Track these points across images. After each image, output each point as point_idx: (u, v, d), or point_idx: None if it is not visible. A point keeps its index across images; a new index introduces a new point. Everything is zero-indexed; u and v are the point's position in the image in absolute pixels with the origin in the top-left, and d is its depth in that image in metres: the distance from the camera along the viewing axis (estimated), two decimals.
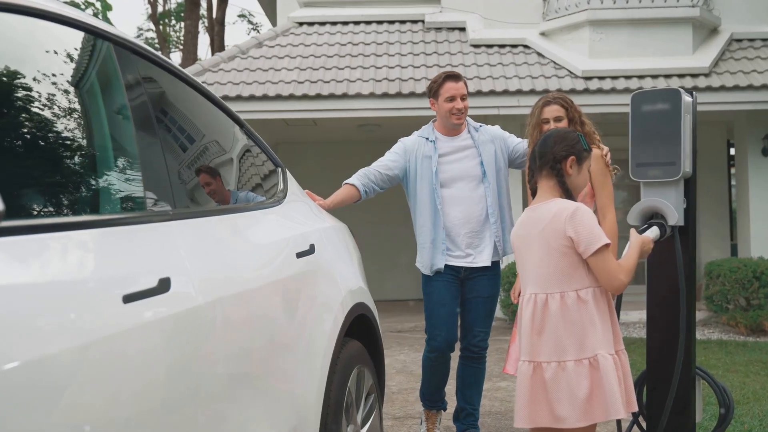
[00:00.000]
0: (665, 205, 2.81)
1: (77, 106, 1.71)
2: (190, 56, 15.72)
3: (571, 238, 2.48)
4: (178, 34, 22.83)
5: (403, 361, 6.95)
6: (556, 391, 2.48)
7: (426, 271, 3.91)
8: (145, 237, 1.72)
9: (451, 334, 3.85)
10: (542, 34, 10.09)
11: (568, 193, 2.59)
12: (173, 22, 23.02)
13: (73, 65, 1.76)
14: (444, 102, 3.85)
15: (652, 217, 2.87)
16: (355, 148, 9.95)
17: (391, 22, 10.85)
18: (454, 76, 3.89)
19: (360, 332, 3.17)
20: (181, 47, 19.17)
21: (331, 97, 8.97)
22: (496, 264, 3.93)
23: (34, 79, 1.56)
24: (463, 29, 10.44)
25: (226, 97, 8.89)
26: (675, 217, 2.80)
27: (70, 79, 1.71)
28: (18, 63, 1.53)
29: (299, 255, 2.55)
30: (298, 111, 9.05)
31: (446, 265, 3.85)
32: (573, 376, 2.45)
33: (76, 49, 1.77)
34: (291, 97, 8.94)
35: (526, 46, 9.98)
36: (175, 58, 22.65)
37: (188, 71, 9.53)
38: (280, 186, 3.01)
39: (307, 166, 11.00)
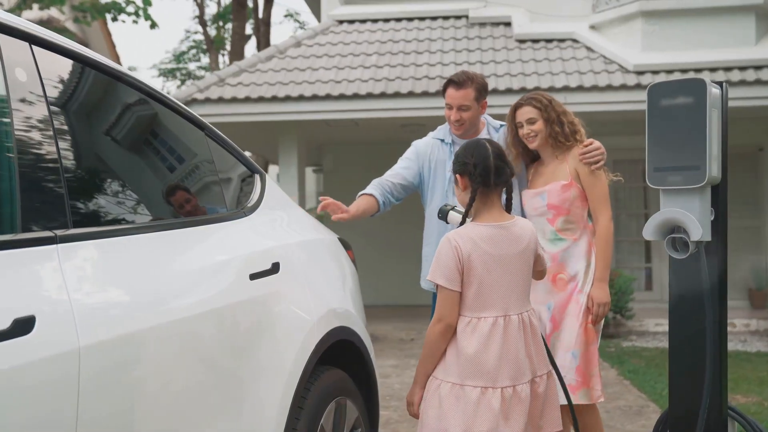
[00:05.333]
0: (687, 217, 2.34)
1: None
2: (236, 57, 15.56)
3: (540, 255, 2.46)
4: (229, 35, 22.77)
5: None
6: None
7: (429, 286, 3.50)
8: (9, 266, 1.42)
9: None
10: (592, 27, 9.55)
11: (510, 209, 2.44)
12: (222, 23, 22.95)
13: None
14: (445, 108, 3.51)
15: (672, 232, 2.41)
16: (400, 148, 9.48)
17: (434, 18, 10.48)
18: (457, 83, 3.44)
19: (350, 358, 2.85)
20: (228, 49, 19.09)
21: (369, 96, 8.63)
22: None
23: None
24: (508, 24, 9.98)
25: (261, 98, 8.67)
26: (699, 231, 2.32)
27: None
28: None
29: (254, 276, 2.22)
30: (335, 111, 8.74)
31: None
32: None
33: None
34: (328, 97, 8.65)
35: (574, 41, 9.45)
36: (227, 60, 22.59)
37: (225, 72, 9.33)
38: (253, 195, 2.70)
39: (351, 168, 10.69)
